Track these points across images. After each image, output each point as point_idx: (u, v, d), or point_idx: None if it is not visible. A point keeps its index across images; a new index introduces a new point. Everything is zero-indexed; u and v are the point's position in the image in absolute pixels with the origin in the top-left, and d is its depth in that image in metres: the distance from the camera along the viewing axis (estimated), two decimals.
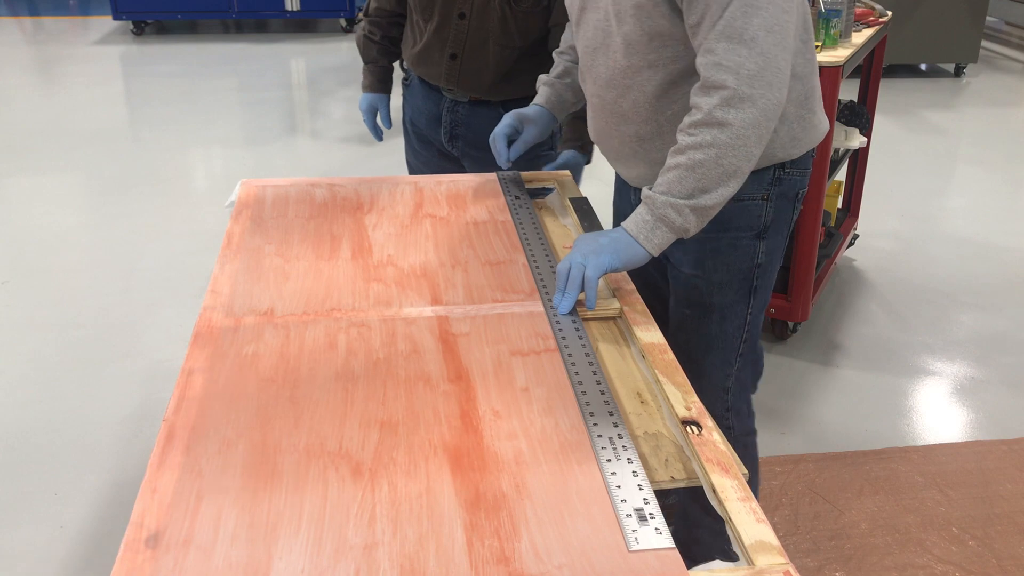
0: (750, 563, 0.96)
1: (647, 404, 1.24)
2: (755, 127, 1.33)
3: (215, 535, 0.97)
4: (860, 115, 3.26)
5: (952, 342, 3.07)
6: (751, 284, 1.64)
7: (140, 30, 7.13)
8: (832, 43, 2.81)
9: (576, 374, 1.25)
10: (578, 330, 1.35)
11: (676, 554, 0.95)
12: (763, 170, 1.55)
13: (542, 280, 1.49)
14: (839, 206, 3.54)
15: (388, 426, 1.14)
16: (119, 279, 3.40)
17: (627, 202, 1.76)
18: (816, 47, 2.51)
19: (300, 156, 4.74)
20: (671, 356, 1.31)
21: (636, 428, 1.19)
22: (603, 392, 1.21)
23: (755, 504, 1.04)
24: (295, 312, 1.39)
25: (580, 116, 1.98)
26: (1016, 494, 2.34)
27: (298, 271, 1.51)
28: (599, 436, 1.12)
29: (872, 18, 3.17)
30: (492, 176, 1.91)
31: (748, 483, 1.76)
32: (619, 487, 1.04)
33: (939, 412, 2.71)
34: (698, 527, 1.77)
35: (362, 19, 2.28)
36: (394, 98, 2.33)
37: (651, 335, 1.36)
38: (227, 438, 1.11)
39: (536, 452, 1.10)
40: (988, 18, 6.80)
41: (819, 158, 2.72)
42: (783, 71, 1.33)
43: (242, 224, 1.67)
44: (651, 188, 1.39)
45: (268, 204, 1.75)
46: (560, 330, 1.34)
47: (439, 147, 2.23)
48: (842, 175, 3.52)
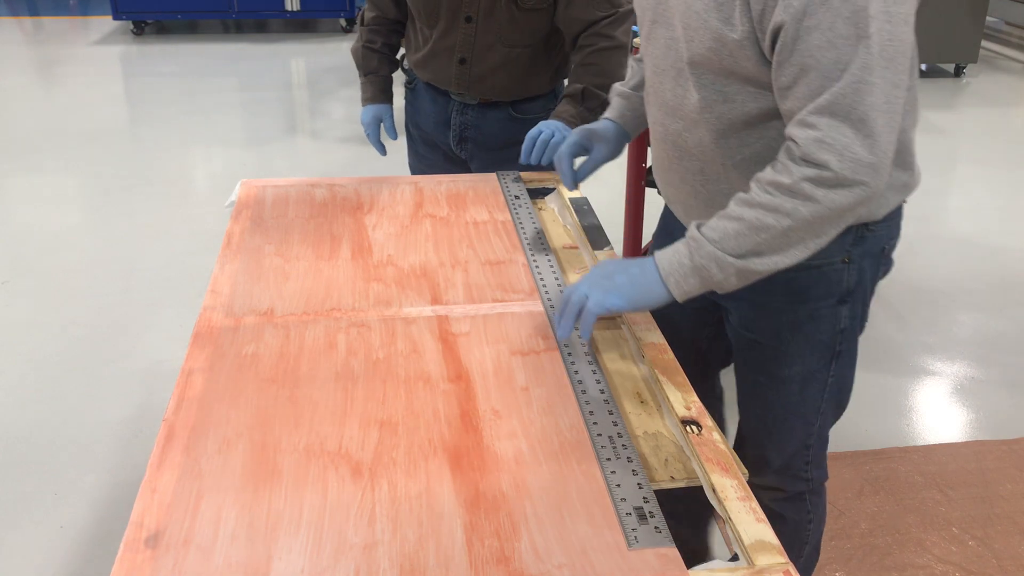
0: (750, 563, 0.96)
1: (647, 404, 1.24)
2: (844, 212, 1.16)
3: (215, 535, 0.97)
4: None
5: (952, 342, 3.07)
6: (833, 350, 1.45)
7: (140, 30, 7.13)
8: None
9: (576, 374, 1.25)
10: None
11: (676, 553, 0.95)
12: (843, 231, 1.28)
13: (542, 280, 1.49)
14: None
15: (388, 426, 1.14)
16: (119, 279, 3.40)
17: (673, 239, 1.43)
18: None
19: (300, 156, 4.74)
20: (671, 356, 1.31)
21: (636, 428, 1.19)
22: (603, 392, 1.21)
23: (755, 504, 1.04)
24: (295, 312, 1.39)
25: (571, 94, 1.94)
26: (1016, 494, 2.34)
27: (298, 271, 1.51)
28: (599, 435, 1.12)
29: None
30: (492, 176, 1.91)
31: (810, 541, 1.67)
32: (619, 486, 1.04)
33: (939, 412, 2.71)
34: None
35: (357, 29, 2.23)
36: (395, 100, 2.32)
37: (651, 335, 1.36)
38: (227, 438, 1.11)
39: (536, 452, 1.10)
40: (988, 18, 6.79)
41: None
42: (890, 154, 1.15)
43: (242, 224, 1.67)
44: (701, 228, 1.22)
45: (268, 204, 1.75)
46: None
47: (445, 150, 2.21)
48: None
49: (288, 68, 6.44)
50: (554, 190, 1.89)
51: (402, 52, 2.25)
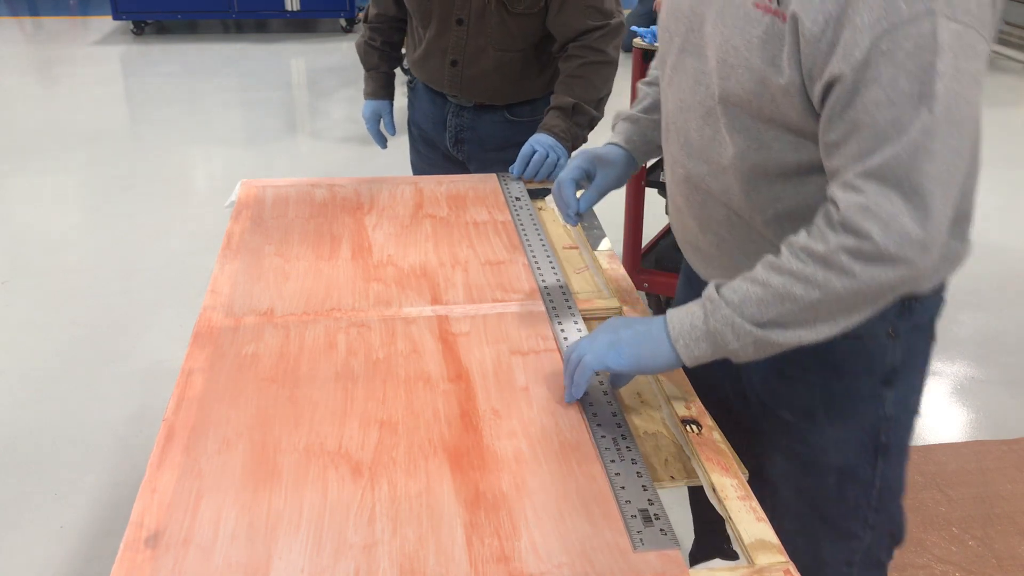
0: (750, 562, 0.96)
1: (647, 404, 1.24)
2: (884, 290, 1.02)
3: (215, 535, 0.97)
4: None
5: (952, 342, 3.07)
6: (877, 441, 1.25)
7: (140, 30, 7.13)
8: None
9: None
10: (580, 330, 1.35)
11: (677, 554, 0.95)
12: None
13: (542, 280, 1.49)
14: None
15: (388, 426, 1.14)
16: (119, 279, 3.40)
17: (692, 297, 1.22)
18: None
19: (300, 156, 4.74)
20: None
21: (636, 428, 1.19)
22: (606, 393, 1.21)
23: (755, 503, 1.04)
24: (295, 312, 1.39)
25: (561, 107, 1.92)
26: (1016, 494, 2.34)
27: (298, 271, 1.51)
28: (603, 437, 1.12)
29: None
30: (492, 176, 1.91)
31: None
32: (623, 488, 1.04)
33: (939, 412, 2.71)
34: None
35: (362, 25, 2.26)
36: (398, 98, 2.32)
37: None
38: (227, 438, 1.11)
39: (536, 451, 1.10)
40: None
41: None
42: (943, 232, 0.99)
43: (242, 224, 1.67)
44: (721, 289, 1.08)
45: (268, 204, 1.75)
46: (561, 330, 1.34)
47: (444, 150, 2.22)
48: None
49: (288, 68, 6.44)
50: None
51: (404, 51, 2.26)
